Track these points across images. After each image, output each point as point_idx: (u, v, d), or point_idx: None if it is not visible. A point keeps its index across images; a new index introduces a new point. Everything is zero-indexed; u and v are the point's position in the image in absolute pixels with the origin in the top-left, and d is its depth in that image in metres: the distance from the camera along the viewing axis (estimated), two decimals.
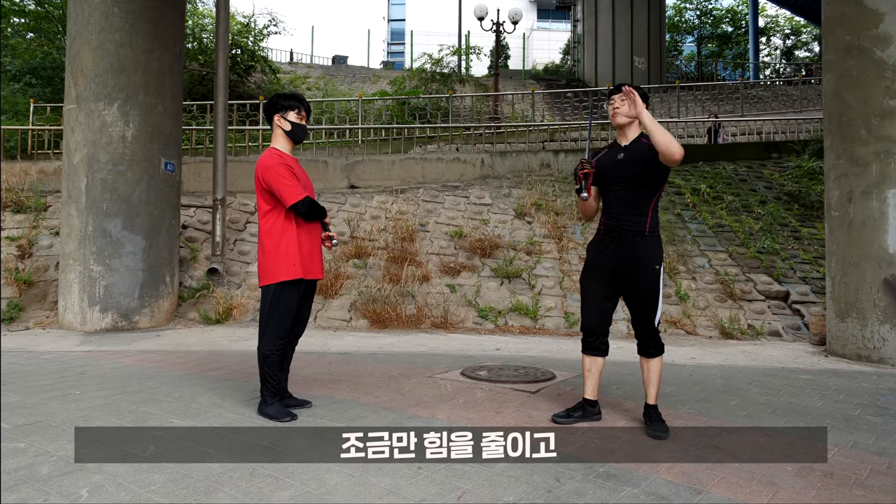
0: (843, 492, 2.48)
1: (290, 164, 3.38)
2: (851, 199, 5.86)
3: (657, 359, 3.19)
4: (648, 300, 3.13)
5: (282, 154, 3.41)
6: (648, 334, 3.17)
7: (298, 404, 3.55)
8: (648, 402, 3.21)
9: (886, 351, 5.55)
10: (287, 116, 3.44)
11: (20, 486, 2.40)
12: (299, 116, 3.47)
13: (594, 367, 3.32)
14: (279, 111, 3.44)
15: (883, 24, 5.70)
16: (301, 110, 3.48)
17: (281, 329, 3.35)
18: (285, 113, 3.44)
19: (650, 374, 3.20)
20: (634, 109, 3.09)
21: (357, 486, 2.43)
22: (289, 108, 3.44)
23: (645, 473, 2.61)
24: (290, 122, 3.44)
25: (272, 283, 3.33)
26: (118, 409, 3.50)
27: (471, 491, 2.41)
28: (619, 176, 3.17)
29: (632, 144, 3.20)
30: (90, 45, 6.75)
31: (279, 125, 3.45)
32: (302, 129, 3.50)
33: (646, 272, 3.11)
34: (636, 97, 3.06)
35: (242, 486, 2.41)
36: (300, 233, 3.36)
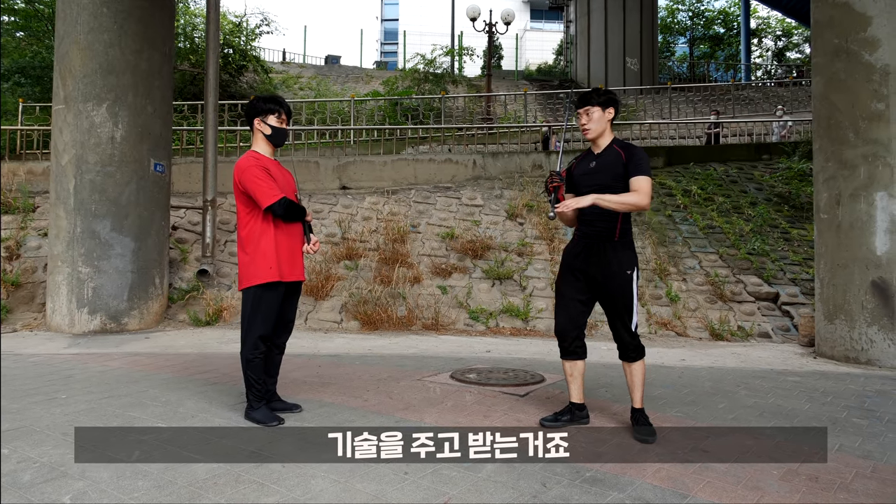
0: (827, 496, 2.49)
1: (268, 167, 3.34)
2: (840, 201, 5.89)
3: (638, 362, 3.19)
4: (622, 305, 3.14)
5: (259, 157, 3.38)
6: (626, 339, 3.18)
7: (287, 408, 3.53)
8: (634, 405, 3.22)
9: (874, 353, 5.59)
10: (267, 120, 3.40)
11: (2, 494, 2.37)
12: (279, 120, 3.43)
13: (575, 370, 3.34)
14: (259, 115, 3.40)
15: (871, 27, 5.74)
16: (282, 114, 3.44)
17: (262, 332, 3.32)
18: (265, 117, 3.40)
19: (633, 378, 3.21)
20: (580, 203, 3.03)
21: (342, 492, 2.42)
22: (269, 111, 3.40)
23: (631, 478, 2.61)
24: (270, 126, 3.40)
25: (251, 286, 3.31)
26: (104, 414, 3.48)
27: (457, 496, 2.40)
28: (591, 184, 3.15)
29: (603, 152, 3.21)
30: (79, 45, 6.71)
31: (259, 129, 3.41)
32: (282, 133, 3.47)
33: (618, 277, 3.12)
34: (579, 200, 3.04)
35: (227, 493, 2.40)
36: (278, 235, 3.33)
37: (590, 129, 3.19)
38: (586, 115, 3.19)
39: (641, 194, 3.04)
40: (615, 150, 3.17)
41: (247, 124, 3.51)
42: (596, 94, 3.23)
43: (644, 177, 3.07)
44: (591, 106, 3.18)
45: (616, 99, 3.26)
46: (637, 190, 3.05)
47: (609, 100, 3.20)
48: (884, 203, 5.63)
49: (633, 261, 3.17)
